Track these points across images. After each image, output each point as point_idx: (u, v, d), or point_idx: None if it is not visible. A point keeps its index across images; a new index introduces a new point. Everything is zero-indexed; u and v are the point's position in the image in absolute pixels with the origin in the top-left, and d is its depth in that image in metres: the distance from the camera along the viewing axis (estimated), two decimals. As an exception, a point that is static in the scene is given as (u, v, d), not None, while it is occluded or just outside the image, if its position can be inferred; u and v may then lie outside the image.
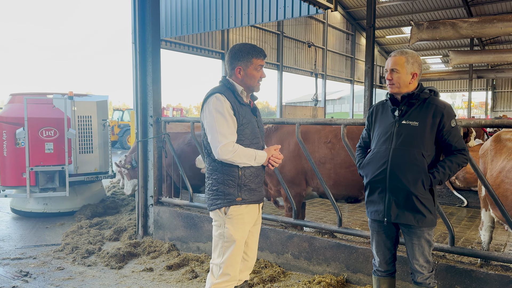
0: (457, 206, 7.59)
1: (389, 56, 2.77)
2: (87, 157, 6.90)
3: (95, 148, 6.96)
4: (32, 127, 6.39)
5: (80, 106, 6.82)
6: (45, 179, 6.64)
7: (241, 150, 2.62)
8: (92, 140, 6.95)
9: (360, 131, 4.38)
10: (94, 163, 6.99)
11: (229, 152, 2.58)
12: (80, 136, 6.81)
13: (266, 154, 2.76)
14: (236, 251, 2.71)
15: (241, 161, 2.64)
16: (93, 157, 6.97)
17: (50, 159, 6.54)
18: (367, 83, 14.43)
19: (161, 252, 4.88)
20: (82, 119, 6.85)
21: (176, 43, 19.14)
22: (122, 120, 23.59)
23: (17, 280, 4.14)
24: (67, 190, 6.49)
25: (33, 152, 6.39)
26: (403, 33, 32.26)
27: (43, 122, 6.51)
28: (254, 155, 2.67)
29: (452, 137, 2.64)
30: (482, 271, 3.22)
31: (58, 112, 6.62)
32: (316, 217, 6.80)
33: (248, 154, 2.65)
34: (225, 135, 2.58)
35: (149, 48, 5.21)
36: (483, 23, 14.49)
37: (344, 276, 3.90)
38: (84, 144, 6.87)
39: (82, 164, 6.81)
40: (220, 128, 2.59)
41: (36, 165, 6.42)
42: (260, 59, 2.74)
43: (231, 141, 2.59)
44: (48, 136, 6.54)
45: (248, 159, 2.66)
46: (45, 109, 6.67)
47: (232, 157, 2.59)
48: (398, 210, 2.68)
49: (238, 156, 2.61)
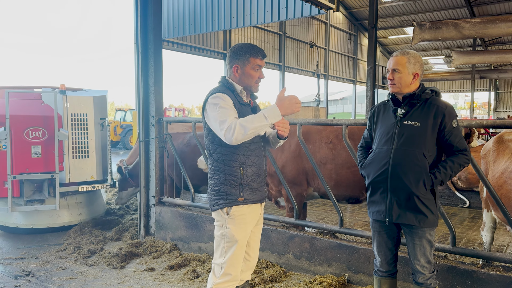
0: (459, 206, 7.57)
1: (391, 56, 2.77)
2: (82, 162, 5.82)
3: (91, 152, 5.89)
4: (16, 126, 5.33)
5: (73, 102, 5.75)
6: (31, 189, 5.65)
7: (241, 120, 2.48)
8: (88, 143, 5.86)
9: (361, 131, 4.39)
10: (91, 170, 5.91)
11: (231, 129, 2.45)
12: (73, 137, 5.74)
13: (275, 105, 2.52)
14: (238, 251, 2.71)
15: (253, 127, 2.44)
16: (89, 162, 5.89)
17: (37, 165, 5.46)
18: (369, 84, 14.43)
19: (162, 252, 4.89)
20: (76, 117, 5.77)
21: (178, 43, 19.19)
22: (124, 120, 23.70)
23: (19, 280, 4.16)
24: (57, 202, 5.44)
25: (17, 157, 5.34)
26: (406, 33, 32.23)
27: (29, 121, 5.45)
28: (261, 114, 2.49)
29: (453, 137, 2.64)
30: (484, 271, 3.22)
31: (48, 109, 5.60)
32: (317, 217, 6.80)
33: (252, 119, 2.47)
34: (225, 121, 2.49)
35: (151, 49, 5.22)
36: (485, 23, 14.46)
37: (346, 277, 3.90)
38: (79, 148, 5.79)
39: (76, 171, 5.74)
40: (221, 117, 2.52)
41: (21, 172, 5.36)
42: (258, 59, 2.70)
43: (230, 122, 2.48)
44: (35, 137, 5.47)
45: (257, 121, 2.47)
46: (32, 105, 5.66)
47: (237, 132, 2.43)
48: (399, 210, 2.68)
49: (242, 126, 2.43)
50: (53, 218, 5.77)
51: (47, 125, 5.52)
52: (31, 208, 5.45)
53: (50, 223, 5.74)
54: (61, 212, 5.80)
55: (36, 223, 5.69)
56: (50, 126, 5.50)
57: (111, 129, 22.39)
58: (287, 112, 2.54)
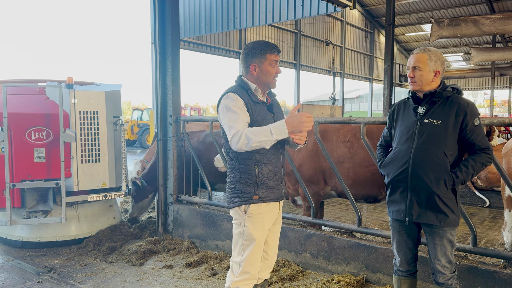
0: (479, 206, 7.44)
1: (411, 54, 2.74)
2: (92, 168, 5.10)
3: (103, 156, 5.15)
4: (16, 126, 4.67)
5: (82, 98, 4.99)
6: (34, 199, 5.02)
7: (248, 131, 2.50)
8: (100, 145, 5.13)
9: (379, 130, 4.35)
10: (102, 176, 5.19)
11: (236, 137, 2.49)
12: (82, 139, 5.03)
13: (283, 121, 2.51)
14: (255, 249, 2.72)
15: (257, 140, 2.46)
16: (101, 167, 5.17)
17: (40, 171, 4.80)
18: (387, 82, 14.26)
19: (180, 249, 4.94)
20: (86, 115, 5.03)
21: (195, 43, 19.30)
22: (141, 119, 24.04)
23: (42, 275, 4.25)
24: (63, 214, 4.77)
25: (17, 162, 4.67)
26: (423, 30, 31.78)
27: (32, 120, 4.77)
28: (267, 129, 2.50)
29: (475, 136, 2.60)
30: (506, 272, 3.16)
31: (53, 106, 4.92)
32: (334, 216, 6.77)
33: (259, 131, 2.48)
34: (234, 127, 2.54)
35: (169, 49, 5.27)
36: (506, 19, 14.13)
37: (364, 276, 3.87)
38: (88, 150, 5.07)
39: (85, 177, 5.04)
40: (230, 123, 2.57)
41: (22, 179, 4.70)
42: (274, 54, 2.72)
43: (238, 129, 2.52)
44: (38, 139, 4.78)
45: (263, 134, 2.48)
46: (35, 101, 4.99)
47: (242, 142, 2.47)
48: (420, 209, 2.65)
49: (246, 138, 2.46)
50: (63, 230, 5.14)
51: (53, 124, 4.83)
52: (33, 221, 4.82)
53: (58, 236, 5.12)
54: (70, 224, 5.18)
55: (43, 236, 5.07)
56: (56, 126, 4.80)
57: (128, 128, 22.72)
58: (294, 131, 2.50)
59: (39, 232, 5.07)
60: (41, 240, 5.05)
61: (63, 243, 5.12)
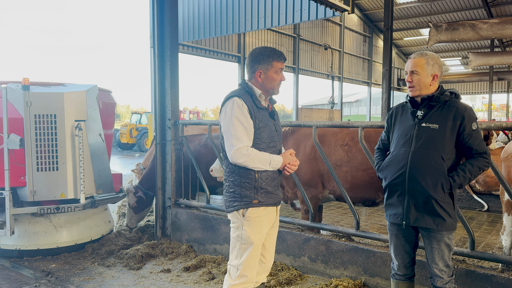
0: (477, 210, 7.45)
1: (409, 58, 2.75)
2: (49, 176, 4.69)
3: (61, 164, 4.73)
4: None
5: (38, 100, 4.63)
6: None
7: (255, 154, 2.63)
8: (58, 152, 4.71)
9: (377, 133, 4.36)
10: (61, 186, 4.76)
11: (243, 156, 2.59)
12: (38, 145, 4.64)
13: (282, 159, 2.76)
14: (253, 253, 2.72)
15: (255, 166, 2.65)
16: (59, 176, 4.75)
17: None
18: (385, 86, 14.28)
19: (178, 253, 4.93)
20: (42, 119, 4.65)
21: (193, 47, 19.31)
22: (140, 123, 24.03)
23: (39, 279, 4.24)
24: (7, 227, 4.45)
25: None
26: (421, 34, 31.86)
27: None
28: (268, 160, 2.68)
29: (473, 140, 2.60)
30: (504, 276, 3.16)
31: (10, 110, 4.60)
32: (333, 220, 6.77)
33: (262, 159, 2.66)
34: (240, 139, 2.61)
35: (168, 52, 5.28)
36: (504, 24, 14.19)
37: (362, 280, 3.87)
38: (45, 158, 4.67)
39: (41, 187, 4.67)
40: (235, 132, 2.61)
41: None
42: (280, 62, 2.76)
43: (245, 145, 2.61)
44: None
45: (263, 163, 2.66)
46: None
47: (246, 161, 2.61)
48: (417, 213, 2.65)
49: (252, 160, 2.62)
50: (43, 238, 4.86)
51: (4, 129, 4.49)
52: None
53: (40, 244, 4.84)
54: (56, 231, 4.93)
55: (23, 244, 4.80)
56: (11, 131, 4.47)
57: (127, 132, 22.70)
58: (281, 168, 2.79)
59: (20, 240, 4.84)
60: (21, 248, 4.83)
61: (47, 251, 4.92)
